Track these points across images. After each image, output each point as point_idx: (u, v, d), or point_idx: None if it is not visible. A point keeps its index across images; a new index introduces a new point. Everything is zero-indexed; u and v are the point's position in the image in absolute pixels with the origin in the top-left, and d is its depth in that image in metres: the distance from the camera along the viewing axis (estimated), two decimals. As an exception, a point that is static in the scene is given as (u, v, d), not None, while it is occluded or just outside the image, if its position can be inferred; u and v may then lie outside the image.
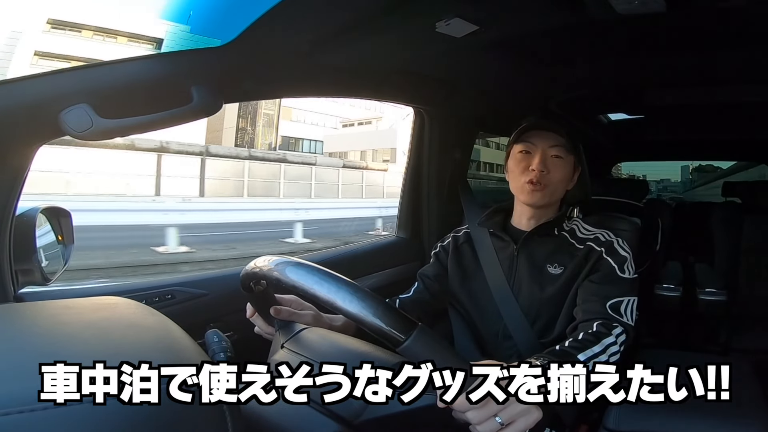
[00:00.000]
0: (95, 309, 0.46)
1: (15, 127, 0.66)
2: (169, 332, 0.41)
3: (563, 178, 0.96)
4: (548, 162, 0.95)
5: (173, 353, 0.37)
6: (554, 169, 0.95)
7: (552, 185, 0.95)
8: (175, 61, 0.70)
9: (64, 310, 0.45)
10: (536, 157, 0.94)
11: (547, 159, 0.95)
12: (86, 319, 0.43)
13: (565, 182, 0.97)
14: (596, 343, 0.79)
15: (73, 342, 0.38)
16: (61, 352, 0.35)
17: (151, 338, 0.39)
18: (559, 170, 0.95)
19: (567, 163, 0.96)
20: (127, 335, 0.40)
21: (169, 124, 0.70)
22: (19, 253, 0.74)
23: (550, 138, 0.95)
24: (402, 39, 0.91)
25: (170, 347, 0.38)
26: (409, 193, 1.50)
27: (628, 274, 0.91)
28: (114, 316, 0.44)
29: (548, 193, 0.95)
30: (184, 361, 0.36)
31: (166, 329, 0.42)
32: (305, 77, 0.96)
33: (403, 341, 0.48)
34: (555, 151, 0.95)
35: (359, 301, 0.48)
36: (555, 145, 0.95)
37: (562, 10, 0.84)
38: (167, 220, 5.82)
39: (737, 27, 0.99)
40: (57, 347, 0.36)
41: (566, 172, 0.96)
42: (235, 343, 0.74)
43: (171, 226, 5.78)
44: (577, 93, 1.55)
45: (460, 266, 1.05)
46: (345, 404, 0.55)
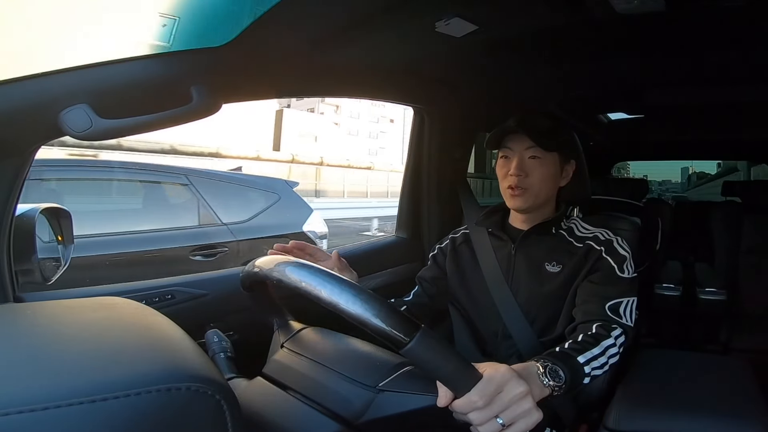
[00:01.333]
0: (95, 309, 0.46)
1: (15, 127, 0.65)
2: (169, 332, 0.41)
3: (544, 177, 0.94)
4: (526, 165, 0.94)
5: (173, 354, 0.37)
6: (532, 170, 0.94)
7: (533, 188, 0.94)
8: (175, 61, 0.70)
9: (64, 311, 0.45)
10: (513, 162, 0.94)
11: (524, 162, 0.94)
12: (86, 319, 0.43)
13: (549, 181, 0.95)
14: (595, 345, 0.79)
15: (73, 342, 0.38)
16: (60, 352, 0.35)
17: (151, 338, 0.39)
18: (538, 172, 0.94)
19: (547, 162, 0.94)
20: (127, 335, 0.40)
21: (169, 124, 0.70)
22: (19, 253, 0.74)
23: (525, 140, 0.94)
24: (402, 39, 0.91)
25: (170, 347, 0.38)
26: (409, 193, 1.50)
27: (628, 273, 0.91)
28: (114, 316, 0.44)
29: (530, 196, 0.94)
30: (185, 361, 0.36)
31: (166, 329, 0.42)
32: (305, 77, 0.96)
33: (406, 343, 0.47)
34: (531, 152, 0.94)
35: (362, 302, 0.48)
36: (530, 147, 0.94)
37: (562, 10, 0.84)
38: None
39: (737, 27, 0.99)
40: (57, 347, 0.36)
41: (547, 171, 0.95)
42: (235, 343, 0.75)
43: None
44: (577, 93, 1.55)
45: (459, 267, 1.06)
46: (345, 404, 0.55)
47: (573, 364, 0.73)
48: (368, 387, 0.56)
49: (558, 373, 0.68)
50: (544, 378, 0.66)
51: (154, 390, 0.32)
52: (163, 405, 0.32)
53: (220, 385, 0.35)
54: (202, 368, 0.36)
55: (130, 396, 0.31)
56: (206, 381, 0.34)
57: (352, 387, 0.56)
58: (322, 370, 0.60)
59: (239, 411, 0.36)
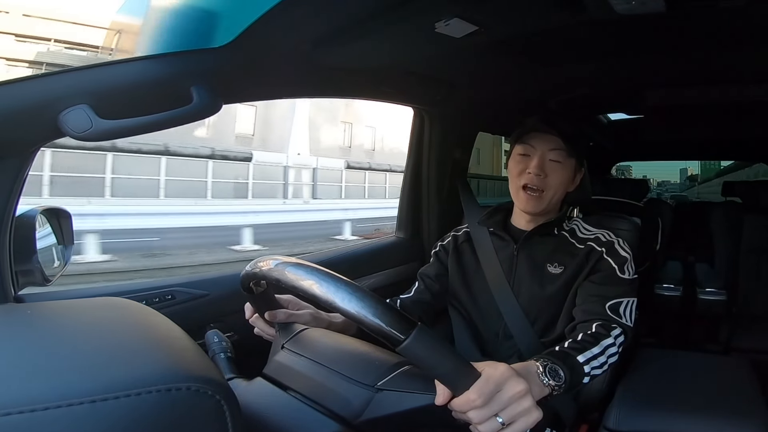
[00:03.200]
0: (95, 310, 0.46)
1: (15, 128, 0.65)
2: (169, 333, 0.41)
3: (562, 182, 0.94)
4: (546, 166, 0.93)
5: (173, 354, 0.37)
6: (552, 173, 0.93)
7: (550, 190, 0.93)
8: (175, 61, 0.70)
9: (64, 311, 0.45)
10: (534, 160, 0.93)
11: (545, 163, 0.93)
12: (86, 319, 0.43)
13: (563, 186, 0.95)
14: (595, 345, 0.79)
15: (73, 342, 0.38)
16: (60, 352, 0.35)
17: (151, 339, 0.39)
18: (558, 175, 0.93)
19: (566, 168, 0.94)
20: (127, 336, 0.40)
21: (169, 124, 0.70)
22: (19, 253, 0.74)
23: (551, 141, 0.93)
24: (402, 39, 0.91)
25: (170, 348, 0.38)
26: (409, 192, 1.50)
27: (628, 274, 0.91)
28: (114, 316, 0.44)
29: (545, 199, 0.94)
30: (185, 361, 0.36)
31: (166, 330, 0.42)
32: (305, 77, 0.96)
33: (402, 341, 0.48)
34: (554, 155, 0.93)
35: (358, 300, 0.48)
36: (555, 149, 0.93)
37: (562, 10, 0.84)
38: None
39: (737, 27, 0.99)
40: (57, 347, 0.36)
41: (565, 177, 0.94)
42: (235, 344, 0.75)
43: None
44: (576, 93, 1.55)
45: (460, 265, 1.05)
46: (345, 404, 0.55)
47: (573, 364, 0.73)
48: (367, 386, 0.56)
49: (558, 373, 0.68)
50: (543, 377, 0.66)
51: (155, 390, 0.32)
52: (163, 405, 0.32)
53: (220, 385, 0.35)
54: (202, 368, 0.36)
55: (130, 396, 0.31)
56: (206, 381, 0.34)
57: (351, 386, 0.56)
58: (322, 370, 0.60)
59: (239, 411, 0.36)
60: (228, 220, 7.26)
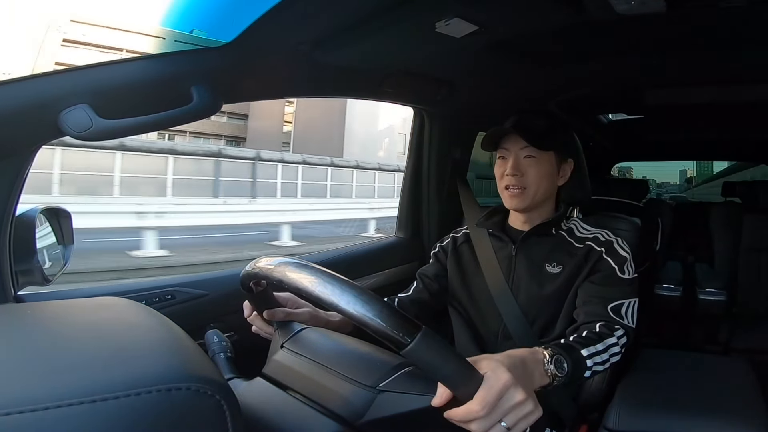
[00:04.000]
0: (95, 309, 0.46)
1: (15, 127, 0.65)
2: (169, 333, 0.41)
3: (541, 176, 0.95)
4: (521, 164, 0.95)
5: (173, 354, 0.37)
6: (528, 169, 0.95)
7: (530, 186, 0.94)
8: (175, 61, 0.70)
9: (64, 311, 0.45)
10: (509, 162, 0.95)
11: (520, 161, 0.95)
12: (86, 319, 0.43)
13: (545, 179, 0.96)
14: (599, 342, 0.80)
15: (73, 342, 0.37)
16: (60, 352, 0.35)
17: (151, 339, 0.39)
18: (534, 170, 0.94)
19: (542, 161, 0.95)
20: (127, 336, 0.40)
21: (169, 124, 0.70)
22: (19, 253, 0.74)
23: (520, 140, 0.95)
24: (402, 39, 0.91)
25: (170, 348, 0.38)
26: (409, 192, 1.50)
27: (628, 274, 0.91)
28: (114, 316, 0.44)
29: (528, 195, 0.95)
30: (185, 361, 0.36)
31: (166, 330, 0.41)
32: (305, 77, 0.96)
33: (407, 344, 0.47)
34: (526, 152, 0.95)
35: (363, 303, 0.48)
36: (525, 147, 0.95)
37: (562, 10, 0.84)
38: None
39: (737, 27, 0.99)
40: (57, 347, 0.36)
41: (543, 171, 0.95)
42: (235, 344, 0.75)
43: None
44: (577, 93, 1.55)
45: (460, 266, 1.06)
46: (345, 405, 0.55)
47: (576, 356, 0.75)
48: (368, 387, 0.56)
49: (562, 364, 0.69)
50: (549, 365, 0.67)
51: (155, 390, 0.32)
52: (163, 405, 0.32)
53: (220, 385, 0.35)
54: (202, 368, 0.36)
55: (130, 396, 0.31)
56: (206, 381, 0.34)
57: (353, 387, 0.56)
58: (322, 370, 0.60)
59: (239, 411, 0.36)
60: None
